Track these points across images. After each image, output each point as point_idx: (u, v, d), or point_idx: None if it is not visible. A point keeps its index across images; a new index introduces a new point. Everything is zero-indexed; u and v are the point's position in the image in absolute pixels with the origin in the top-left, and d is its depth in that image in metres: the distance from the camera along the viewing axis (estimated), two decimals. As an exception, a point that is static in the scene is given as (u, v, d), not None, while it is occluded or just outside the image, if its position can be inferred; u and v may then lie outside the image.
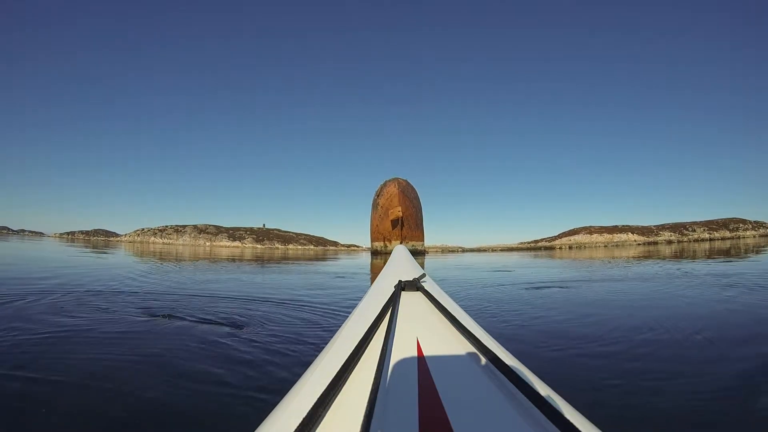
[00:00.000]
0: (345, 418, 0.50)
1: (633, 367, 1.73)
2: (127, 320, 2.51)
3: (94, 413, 1.24)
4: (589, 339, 2.15)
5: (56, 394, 1.37)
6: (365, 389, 0.52)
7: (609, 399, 1.39)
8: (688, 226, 54.36)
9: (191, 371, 1.60)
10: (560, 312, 3.02)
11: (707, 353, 1.88)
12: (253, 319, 2.66)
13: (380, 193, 31.09)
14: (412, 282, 1.00)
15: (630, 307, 3.18)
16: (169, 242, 64.60)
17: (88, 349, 1.86)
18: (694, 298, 3.50)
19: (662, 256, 12.04)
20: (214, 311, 2.89)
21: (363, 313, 0.85)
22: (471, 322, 0.78)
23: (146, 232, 71.62)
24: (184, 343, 1.99)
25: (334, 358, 0.63)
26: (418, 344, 0.68)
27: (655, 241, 49.58)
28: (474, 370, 0.61)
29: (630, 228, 58.64)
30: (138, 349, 1.88)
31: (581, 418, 0.51)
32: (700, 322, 2.53)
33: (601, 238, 56.87)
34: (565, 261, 12.24)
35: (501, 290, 4.49)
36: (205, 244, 66.09)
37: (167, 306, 3.08)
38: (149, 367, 1.65)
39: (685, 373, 1.61)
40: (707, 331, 2.26)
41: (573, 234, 61.25)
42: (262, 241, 66.92)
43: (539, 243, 60.50)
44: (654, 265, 8.17)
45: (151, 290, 3.99)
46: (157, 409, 1.26)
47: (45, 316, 2.55)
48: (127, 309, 2.87)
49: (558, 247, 49.39)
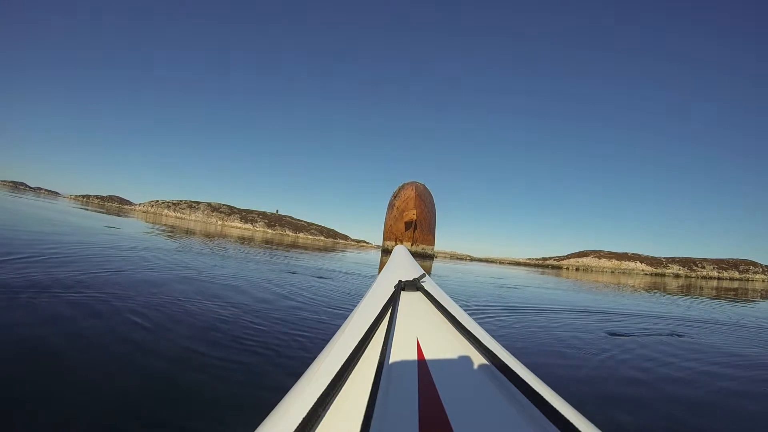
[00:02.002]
0: (345, 418, 0.50)
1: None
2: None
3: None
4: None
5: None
6: (365, 389, 0.53)
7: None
8: (698, 262, 54.22)
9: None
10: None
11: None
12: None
13: (397, 195, 31.96)
14: (412, 282, 1.00)
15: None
16: (181, 216, 66.42)
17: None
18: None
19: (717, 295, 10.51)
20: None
21: (363, 313, 0.85)
22: (471, 322, 0.78)
23: (160, 204, 74.31)
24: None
25: (334, 358, 0.64)
26: (418, 344, 0.69)
27: (663, 273, 49.23)
28: (474, 370, 0.61)
29: (639, 257, 58.15)
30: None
31: (581, 418, 0.52)
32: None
33: (609, 264, 56.53)
34: (593, 284, 11.61)
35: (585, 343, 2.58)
36: (216, 222, 67.93)
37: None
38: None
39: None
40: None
41: (582, 256, 60.97)
42: (273, 226, 68.99)
43: (547, 261, 60.61)
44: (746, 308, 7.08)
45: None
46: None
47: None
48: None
49: (565, 267, 49.35)
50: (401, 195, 30.72)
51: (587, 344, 2.54)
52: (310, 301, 3.08)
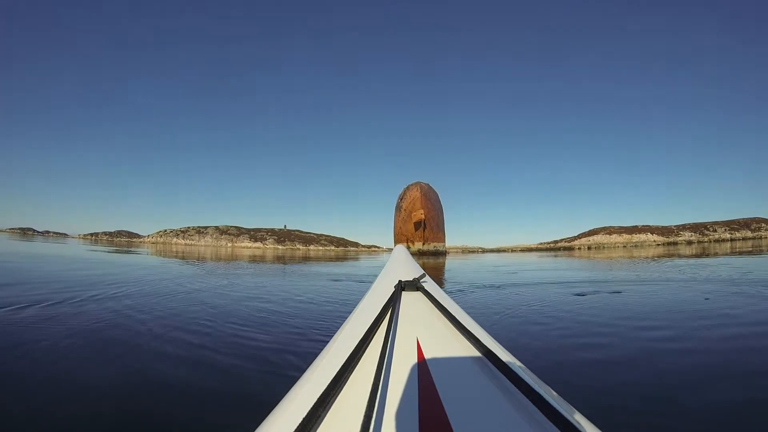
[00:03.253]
0: (345, 418, 0.50)
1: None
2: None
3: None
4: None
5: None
6: (365, 389, 0.53)
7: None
8: (708, 225, 53.39)
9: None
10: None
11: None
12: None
13: (403, 197, 32.55)
14: (412, 282, 1.00)
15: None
16: (190, 243, 66.87)
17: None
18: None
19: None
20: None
21: (363, 313, 0.85)
22: (471, 322, 0.78)
23: (168, 233, 74.89)
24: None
25: (334, 358, 0.64)
26: (418, 344, 0.69)
27: (674, 242, 48.78)
28: (474, 370, 0.61)
29: (649, 228, 57.56)
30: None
31: (581, 418, 0.52)
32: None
33: (620, 239, 56.05)
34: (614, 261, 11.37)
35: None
36: (226, 245, 67.76)
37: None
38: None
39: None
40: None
41: (592, 234, 60.08)
42: (283, 242, 68.85)
43: (558, 243, 59.92)
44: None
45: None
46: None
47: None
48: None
49: (577, 248, 49.14)
50: (407, 196, 31.29)
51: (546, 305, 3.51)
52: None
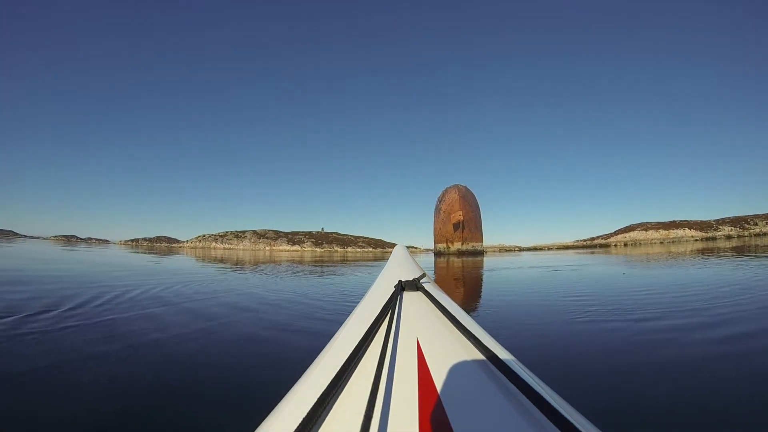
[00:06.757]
0: (345, 418, 0.51)
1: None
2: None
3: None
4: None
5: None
6: (365, 389, 0.54)
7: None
8: (749, 219, 52.04)
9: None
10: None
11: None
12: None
13: (442, 199, 34.17)
14: (412, 282, 0.99)
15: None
16: (229, 247, 69.56)
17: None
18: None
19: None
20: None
21: (363, 313, 0.85)
22: (471, 322, 0.78)
23: (207, 238, 78.94)
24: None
25: (334, 358, 0.64)
26: (418, 344, 0.69)
27: (713, 237, 47.49)
28: (474, 370, 0.61)
29: (687, 223, 56.52)
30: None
31: (581, 418, 0.52)
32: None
33: (657, 234, 54.61)
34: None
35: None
36: (264, 248, 71.17)
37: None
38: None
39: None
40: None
41: (628, 231, 59.57)
42: (321, 245, 71.50)
43: (595, 240, 59.85)
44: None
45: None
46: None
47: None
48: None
49: (613, 245, 48.56)
50: (446, 199, 32.75)
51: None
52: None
